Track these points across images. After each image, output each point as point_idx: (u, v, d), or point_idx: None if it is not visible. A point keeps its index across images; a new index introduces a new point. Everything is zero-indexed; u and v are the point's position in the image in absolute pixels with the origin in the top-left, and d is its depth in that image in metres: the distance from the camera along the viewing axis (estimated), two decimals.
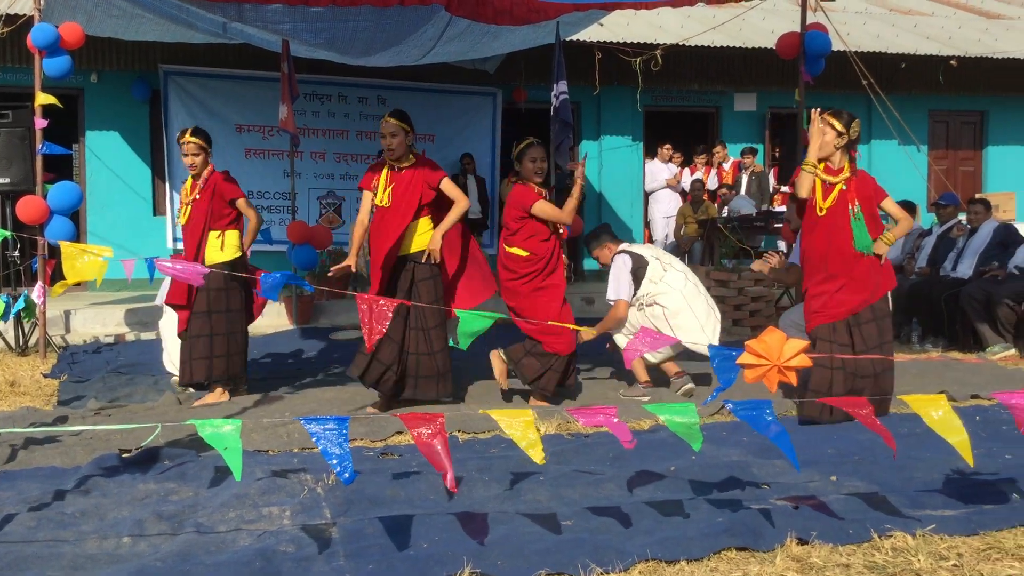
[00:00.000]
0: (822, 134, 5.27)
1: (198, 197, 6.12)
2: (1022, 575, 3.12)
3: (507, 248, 6.01)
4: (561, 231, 6.08)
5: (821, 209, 5.32)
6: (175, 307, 6.18)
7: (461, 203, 5.83)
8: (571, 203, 5.92)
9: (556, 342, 5.90)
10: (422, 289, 5.83)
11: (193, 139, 6.12)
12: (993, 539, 3.43)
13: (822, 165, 5.33)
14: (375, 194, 5.86)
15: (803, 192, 5.28)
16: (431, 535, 3.48)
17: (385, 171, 5.87)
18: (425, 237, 5.84)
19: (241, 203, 6.20)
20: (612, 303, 6.24)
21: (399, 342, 5.79)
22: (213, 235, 6.11)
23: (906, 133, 10.34)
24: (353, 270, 5.84)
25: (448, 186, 5.83)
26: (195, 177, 6.19)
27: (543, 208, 5.88)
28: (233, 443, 3.11)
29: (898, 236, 5.52)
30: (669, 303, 6.16)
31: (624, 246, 6.41)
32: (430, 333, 5.85)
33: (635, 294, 6.24)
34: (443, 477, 3.19)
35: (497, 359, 6.12)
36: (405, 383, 5.87)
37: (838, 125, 5.27)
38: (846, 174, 5.32)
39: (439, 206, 5.92)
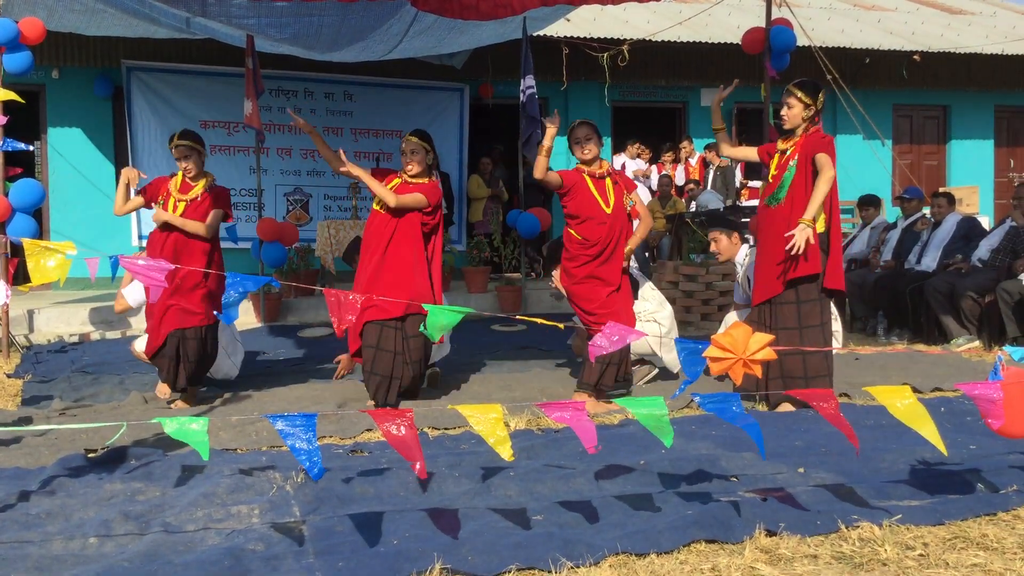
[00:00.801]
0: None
1: (199, 198, 5.96)
2: (986, 563, 3.16)
3: (567, 229, 5.83)
4: (629, 210, 5.78)
5: (770, 177, 5.46)
6: None
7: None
8: (540, 160, 5.48)
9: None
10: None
11: (182, 141, 5.93)
12: (958, 528, 3.47)
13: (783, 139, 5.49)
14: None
15: None
16: (401, 531, 3.47)
17: (396, 181, 5.93)
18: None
19: (217, 215, 6.01)
20: None
21: (392, 351, 5.78)
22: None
23: (871, 128, 10.43)
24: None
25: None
26: (192, 180, 6.00)
27: (548, 178, 5.61)
28: (200, 432, 3.11)
29: (814, 208, 5.18)
30: (664, 321, 6.28)
31: None
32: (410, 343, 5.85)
33: None
34: (412, 465, 3.19)
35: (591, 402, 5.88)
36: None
37: (805, 98, 5.35)
38: (797, 139, 5.40)
39: (434, 232, 6.00)
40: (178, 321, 5.87)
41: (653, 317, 6.30)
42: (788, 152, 5.41)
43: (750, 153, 5.84)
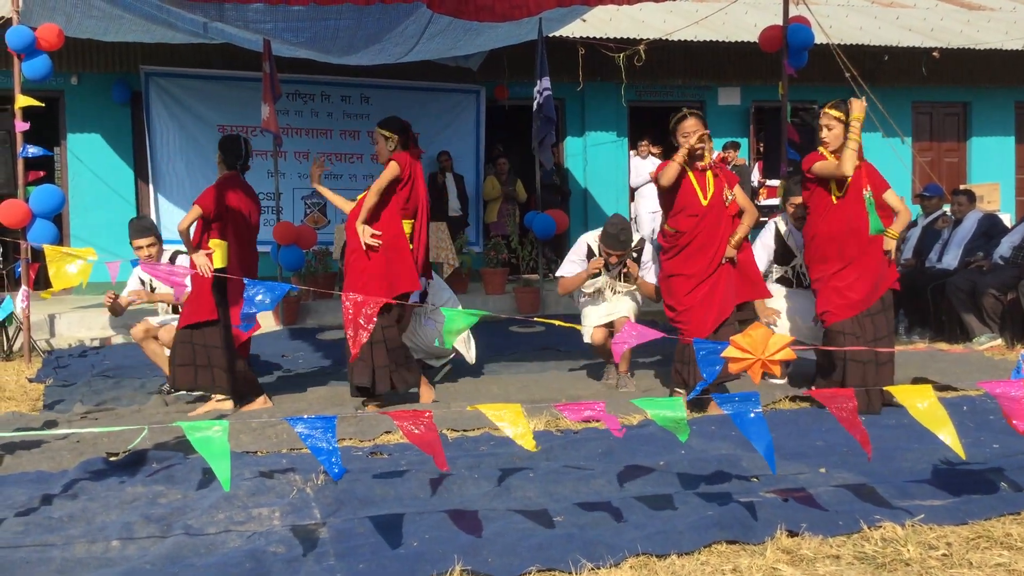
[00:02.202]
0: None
1: None
2: (1010, 563, 3.14)
3: (662, 226, 5.90)
4: (728, 204, 5.69)
5: (839, 196, 5.46)
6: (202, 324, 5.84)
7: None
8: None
9: (690, 331, 5.49)
10: None
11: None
12: (982, 528, 3.45)
13: (828, 151, 5.50)
14: None
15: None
16: (421, 533, 3.48)
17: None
18: None
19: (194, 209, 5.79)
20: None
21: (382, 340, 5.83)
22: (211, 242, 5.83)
23: (890, 125, 10.35)
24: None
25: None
26: None
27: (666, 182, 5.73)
28: (221, 449, 3.10)
29: (900, 230, 5.68)
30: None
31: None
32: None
33: None
34: (435, 459, 3.21)
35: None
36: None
37: (839, 115, 5.42)
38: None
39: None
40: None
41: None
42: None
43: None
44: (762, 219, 11.00)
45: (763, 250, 6.51)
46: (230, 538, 3.51)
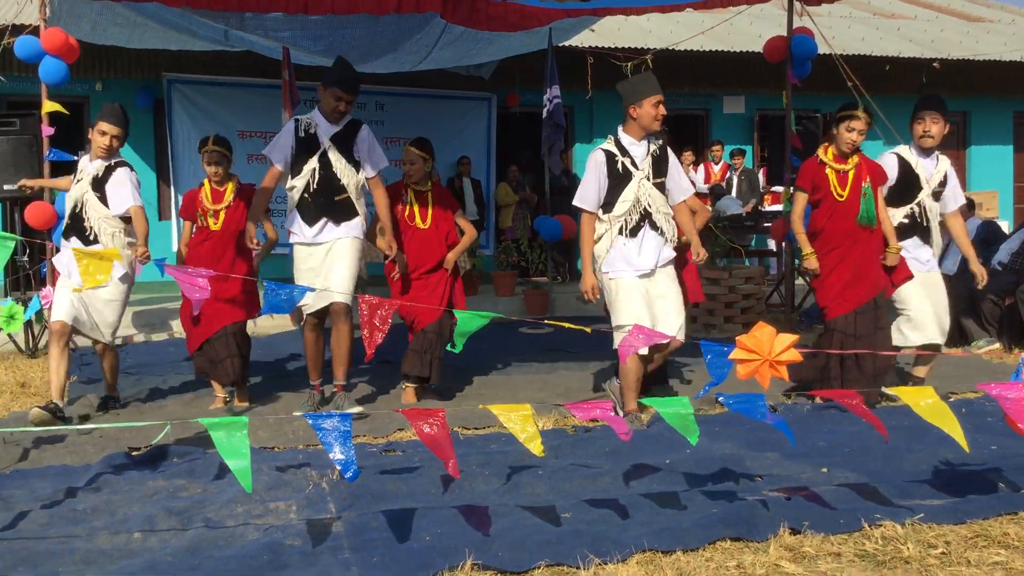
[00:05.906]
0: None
1: (232, 204, 6.24)
2: (1007, 561, 3.20)
3: None
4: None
5: (841, 195, 5.65)
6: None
7: (470, 233, 6.44)
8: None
9: None
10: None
11: (216, 147, 6.21)
12: (980, 527, 3.50)
13: (831, 153, 5.73)
14: (405, 208, 6.27)
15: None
16: (433, 528, 3.55)
17: (410, 192, 6.29)
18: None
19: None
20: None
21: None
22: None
23: (891, 134, 10.43)
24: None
25: (461, 220, 6.40)
26: (218, 184, 6.26)
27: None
28: (242, 450, 3.15)
29: (893, 236, 5.75)
30: None
31: None
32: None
33: None
34: (446, 464, 3.28)
35: None
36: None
37: (866, 120, 5.70)
38: (855, 159, 5.69)
39: None
40: (229, 316, 6.10)
41: None
42: (851, 173, 5.66)
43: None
44: (765, 224, 11.11)
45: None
46: (248, 531, 3.59)
